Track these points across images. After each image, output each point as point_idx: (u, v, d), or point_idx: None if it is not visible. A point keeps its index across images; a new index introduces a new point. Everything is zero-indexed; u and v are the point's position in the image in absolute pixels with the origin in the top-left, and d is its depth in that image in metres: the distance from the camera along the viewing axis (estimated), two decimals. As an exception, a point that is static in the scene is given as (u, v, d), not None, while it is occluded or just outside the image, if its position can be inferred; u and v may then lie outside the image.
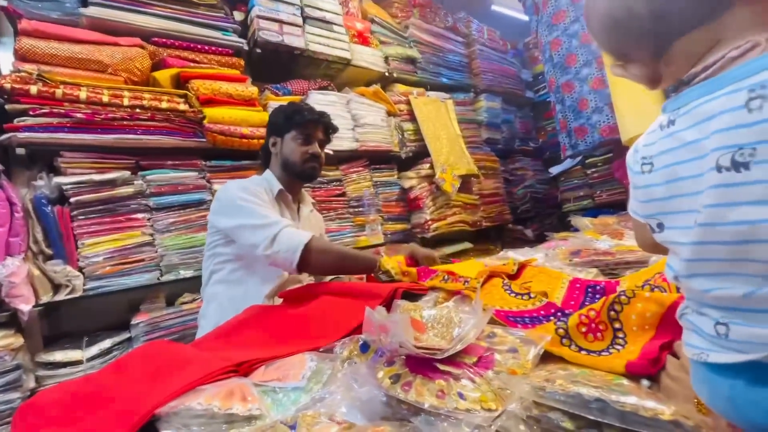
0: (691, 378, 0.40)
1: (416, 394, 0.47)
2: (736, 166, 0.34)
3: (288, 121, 1.34)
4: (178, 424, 0.45)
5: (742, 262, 0.34)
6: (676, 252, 0.42)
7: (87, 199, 1.49)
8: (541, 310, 0.76)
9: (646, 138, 0.48)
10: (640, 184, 0.47)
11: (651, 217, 0.46)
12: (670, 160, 0.42)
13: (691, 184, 0.39)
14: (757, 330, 0.33)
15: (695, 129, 0.39)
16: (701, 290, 0.38)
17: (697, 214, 0.37)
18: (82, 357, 1.38)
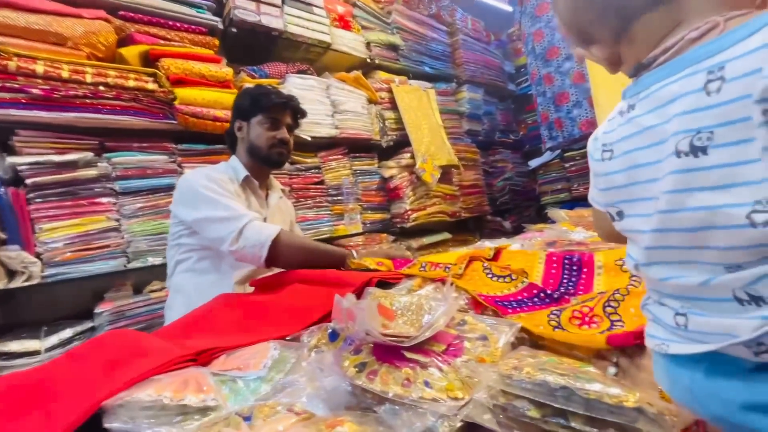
0: (653, 369, 0.40)
1: (381, 382, 0.45)
2: (695, 150, 0.33)
3: (254, 104, 1.28)
4: (124, 417, 0.42)
5: (699, 249, 0.34)
6: (636, 240, 0.41)
7: (45, 181, 1.40)
8: (523, 292, 0.76)
9: (606, 125, 0.47)
10: (600, 171, 0.46)
11: (611, 206, 0.45)
12: (630, 146, 0.41)
13: (650, 170, 0.38)
14: (714, 320, 0.33)
15: (655, 113, 0.38)
16: (660, 279, 0.37)
17: (656, 201, 0.36)
18: (41, 347, 1.31)
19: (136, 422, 0.41)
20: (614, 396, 0.35)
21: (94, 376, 0.60)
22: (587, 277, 0.82)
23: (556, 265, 0.87)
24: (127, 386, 0.48)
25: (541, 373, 0.41)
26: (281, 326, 0.69)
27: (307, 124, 2.11)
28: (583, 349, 0.55)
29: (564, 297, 0.74)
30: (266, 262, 1.09)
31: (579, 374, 0.41)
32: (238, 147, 1.35)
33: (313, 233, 2.13)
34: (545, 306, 0.72)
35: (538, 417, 0.37)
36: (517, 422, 0.39)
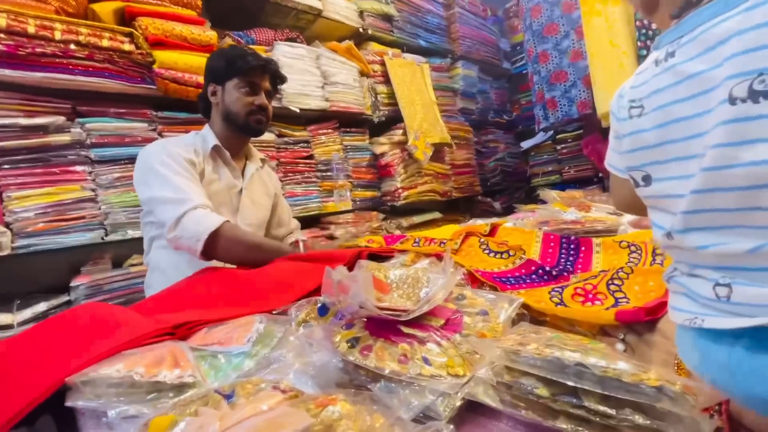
0: (678, 345, 0.37)
1: (376, 359, 0.41)
2: (754, 95, 0.29)
3: (230, 66, 1.17)
4: (90, 395, 0.38)
5: (751, 211, 0.30)
6: (668, 206, 0.38)
7: (12, 145, 1.31)
8: (521, 268, 0.74)
9: (635, 79, 0.42)
10: (625, 131, 0.42)
11: (636, 169, 0.41)
12: (666, 99, 0.36)
13: (691, 125, 0.34)
14: (764, 291, 0.30)
15: (701, 59, 0.33)
16: (698, 247, 0.34)
17: (700, 159, 0.33)
18: (13, 321, 1.25)
19: (102, 400, 0.37)
20: (633, 374, 0.32)
21: (61, 351, 0.55)
22: (585, 256, 0.80)
23: (553, 244, 0.85)
24: (94, 361, 0.44)
25: (550, 349, 0.38)
26: (268, 300, 0.64)
27: (295, 95, 2.02)
28: (585, 326, 0.53)
29: (563, 275, 0.72)
30: (202, 255, 1.01)
31: (590, 351, 0.38)
32: (213, 113, 1.25)
33: (301, 209, 2.07)
34: (545, 283, 0.69)
35: (547, 396, 0.34)
36: (524, 401, 0.36)
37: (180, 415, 0.32)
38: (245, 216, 1.25)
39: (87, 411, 0.39)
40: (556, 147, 3.34)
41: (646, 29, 2.07)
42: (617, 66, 2.19)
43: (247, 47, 1.68)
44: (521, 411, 0.36)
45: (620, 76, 2.18)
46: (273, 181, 1.43)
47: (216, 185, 1.19)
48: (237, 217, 1.23)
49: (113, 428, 0.35)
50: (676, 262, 0.38)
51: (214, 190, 1.17)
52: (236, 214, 1.23)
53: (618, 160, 0.44)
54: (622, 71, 2.17)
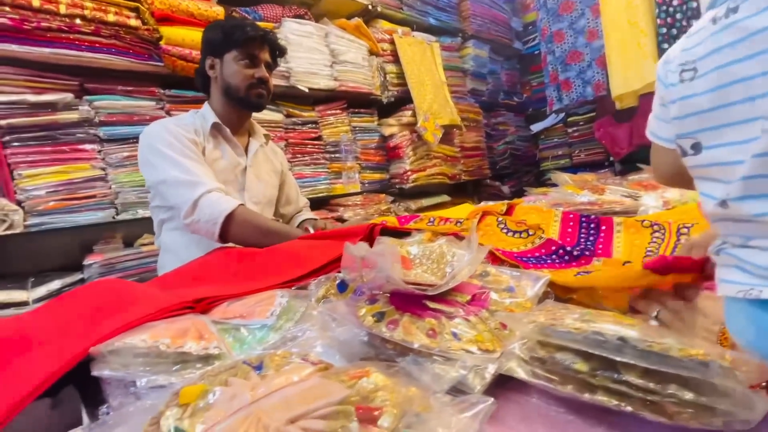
0: (729, 320, 0.36)
1: (404, 332, 0.40)
2: None
3: (227, 38, 1.13)
4: (116, 364, 0.38)
5: None
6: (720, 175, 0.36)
7: (21, 122, 1.29)
8: (541, 248, 0.72)
9: (686, 41, 0.40)
10: (673, 97, 0.40)
11: (684, 137, 0.39)
12: (725, 59, 0.34)
13: (754, 85, 0.31)
14: None
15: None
16: (756, 214, 0.32)
17: (765, 121, 0.30)
18: (28, 298, 1.26)
19: (129, 369, 0.37)
20: (681, 348, 0.30)
21: (81, 323, 0.55)
22: (606, 235, 0.77)
23: (572, 223, 0.83)
24: (118, 332, 0.43)
25: (586, 323, 0.36)
26: (284, 273, 0.64)
27: (304, 74, 1.98)
28: (613, 303, 0.51)
29: (584, 255, 0.70)
30: (219, 238, 1.01)
31: (629, 326, 0.37)
32: (212, 89, 1.22)
33: (310, 191, 2.06)
34: (566, 265, 0.67)
35: (585, 371, 0.33)
36: (559, 375, 0.35)
37: (210, 385, 0.31)
38: (252, 194, 1.23)
39: (113, 381, 0.39)
40: (567, 130, 3.28)
41: (667, 5, 1.99)
42: (635, 46, 2.12)
43: (247, 17, 1.63)
44: (556, 385, 0.35)
45: (639, 57, 2.11)
46: (279, 157, 1.40)
47: (220, 163, 1.17)
48: (244, 195, 1.21)
49: (141, 398, 0.35)
50: (726, 235, 0.36)
51: (218, 169, 1.15)
52: (243, 192, 1.21)
53: (664, 129, 0.41)
54: (641, 51, 2.11)
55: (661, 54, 2.06)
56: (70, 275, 1.42)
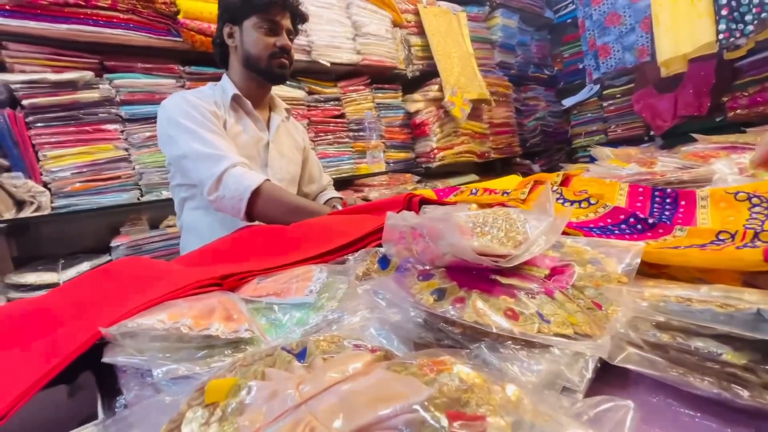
0: None
1: (476, 313, 0.32)
2: None
3: (247, 3, 1.05)
4: (130, 350, 0.31)
5: None
6: None
7: (43, 102, 1.27)
8: (607, 217, 0.61)
9: None
10: None
11: None
12: None
13: None
14: None
15: None
16: None
17: None
18: (59, 279, 1.26)
19: (145, 356, 0.30)
20: None
21: (101, 302, 0.50)
22: (687, 210, 0.65)
23: (642, 197, 0.71)
24: (136, 311, 0.37)
25: (708, 298, 0.28)
26: (318, 247, 0.56)
27: (325, 47, 1.89)
28: (717, 278, 0.41)
29: (662, 223, 0.59)
30: (246, 215, 0.95)
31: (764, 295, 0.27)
32: (231, 59, 1.14)
33: (335, 171, 1.99)
34: (639, 235, 0.57)
35: (740, 364, 0.24)
36: (693, 368, 0.27)
37: (243, 378, 0.24)
38: (275, 170, 1.17)
39: (129, 369, 0.33)
40: (602, 104, 3.07)
41: (726, -45, 1.77)
42: (688, 3, 1.91)
43: None
44: (695, 381, 0.26)
45: (691, 15, 1.91)
46: (301, 133, 1.33)
47: (241, 138, 1.10)
48: (267, 171, 1.15)
49: (160, 390, 0.29)
50: None
51: (240, 144, 1.09)
52: (265, 168, 1.15)
53: None
54: (694, 9, 1.90)
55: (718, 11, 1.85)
56: (98, 257, 1.41)
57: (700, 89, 2.38)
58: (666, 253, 0.42)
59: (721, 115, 2.40)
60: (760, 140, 0.69)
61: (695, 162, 1.27)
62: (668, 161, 1.45)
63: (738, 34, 1.80)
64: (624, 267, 0.40)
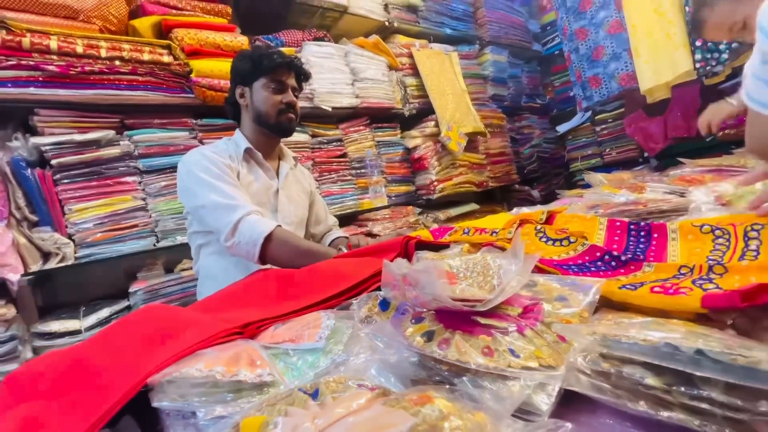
0: None
1: (458, 352, 0.39)
2: None
3: (256, 66, 1.19)
4: (174, 395, 0.38)
5: None
6: None
7: (70, 161, 1.38)
8: (584, 255, 0.68)
9: None
10: None
11: None
12: None
13: None
14: None
15: None
16: None
17: None
18: (81, 326, 1.33)
19: (186, 400, 0.37)
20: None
21: (136, 352, 0.56)
22: (659, 243, 0.71)
23: (620, 231, 0.78)
24: (172, 361, 0.44)
25: (656, 332, 0.34)
26: (325, 291, 0.63)
27: (327, 94, 2.03)
28: (677, 312, 0.47)
29: (633, 261, 0.65)
30: (259, 259, 1.04)
31: (705, 336, 0.34)
32: (243, 116, 1.27)
33: (338, 208, 2.08)
34: (612, 272, 0.63)
35: (659, 386, 0.30)
36: (628, 391, 0.32)
37: (269, 415, 0.30)
38: (285, 215, 1.26)
39: (172, 412, 0.39)
40: (595, 129, 3.18)
41: (695, -7, 1.91)
42: (664, 36, 2.04)
43: (272, 46, 1.69)
44: (626, 402, 0.32)
45: (669, 47, 2.03)
46: (307, 179, 1.44)
47: (253, 186, 1.21)
48: (277, 216, 1.24)
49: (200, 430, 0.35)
50: None
51: (252, 192, 1.19)
52: (276, 213, 1.24)
53: (765, 92, 0.37)
54: (671, 41, 2.02)
55: (693, 42, 1.97)
56: (117, 303, 1.48)
57: (687, 112, 2.48)
58: (627, 294, 0.48)
59: (711, 136, 2.47)
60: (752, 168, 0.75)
61: (682, 186, 1.34)
62: (657, 186, 1.52)
63: (714, 63, 1.91)
64: (586, 302, 0.46)
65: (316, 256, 0.98)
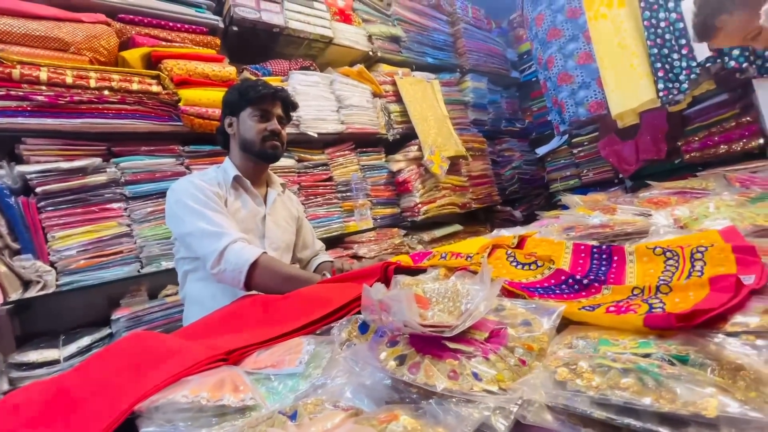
0: None
1: (426, 375, 0.42)
2: None
3: (242, 97, 1.25)
4: (161, 420, 0.40)
5: None
6: None
7: (55, 188, 1.39)
8: (550, 279, 0.73)
9: None
10: None
11: None
12: None
13: None
14: None
15: None
16: None
17: None
18: (59, 356, 1.30)
19: (173, 425, 0.39)
20: (690, 404, 0.32)
21: (121, 380, 0.58)
22: (618, 266, 0.77)
23: (584, 255, 0.84)
24: (159, 388, 0.46)
25: (600, 376, 0.37)
26: (307, 316, 0.66)
27: (312, 120, 2.09)
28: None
29: (594, 284, 0.70)
30: (245, 286, 1.06)
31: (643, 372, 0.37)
32: (231, 145, 1.32)
33: (324, 231, 2.11)
34: (574, 295, 0.68)
35: (604, 417, 0.34)
36: (581, 419, 0.36)
37: (251, 437, 0.33)
38: (272, 240, 1.29)
39: (158, 437, 0.41)
40: (572, 151, 3.32)
41: (655, 27, 2.07)
42: (628, 67, 2.18)
43: (260, 78, 1.75)
44: (582, 429, 0.36)
45: (633, 77, 2.17)
46: (295, 204, 1.48)
47: (241, 213, 1.24)
48: (264, 241, 1.27)
49: (186, 452, 0.37)
50: None
51: (240, 218, 1.22)
52: (263, 239, 1.27)
53: None
54: (634, 72, 2.17)
55: (655, 73, 2.11)
56: (98, 331, 1.47)
57: (656, 136, 2.62)
58: (585, 315, 0.53)
59: (679, 158, 2.61)
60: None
61: (649, 208, 1.43)
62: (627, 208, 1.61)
63: (675, 92, 2.05)
64: (548, 326, 0.50)
65: (301, 282, 1.01)
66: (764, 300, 0.48)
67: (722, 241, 0.70)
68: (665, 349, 0.40)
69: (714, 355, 0.39)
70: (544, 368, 0.41)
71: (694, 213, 1.06)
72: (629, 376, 0.35)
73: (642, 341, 0.43)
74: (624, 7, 2.15)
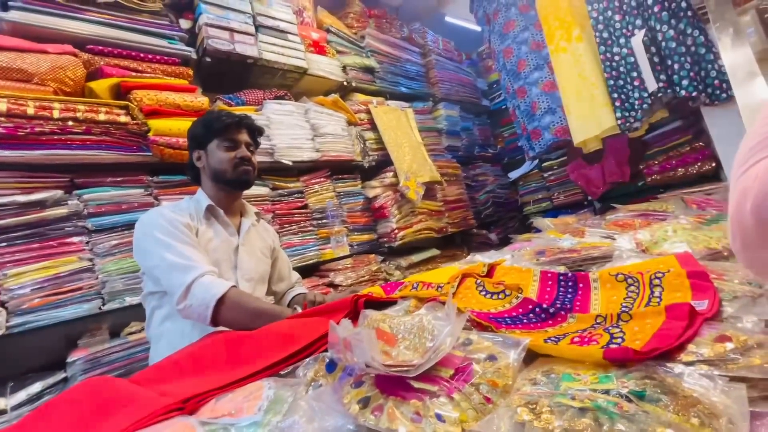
0: None
1: (388, 419, 0.41)
2: None
3: (207, 130, 1.25)
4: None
5: None
6: None
7: (9, 223, 1.32)
8: (518, 308, 0.73)
9: None
10: None
11: None
12: None
13: None
14: None
15: None
16: None
17: None
18: (6, 406, 1.20)
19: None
20: None
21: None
22: (583, 293, 0.79)
23: (551, 282, 0.85)
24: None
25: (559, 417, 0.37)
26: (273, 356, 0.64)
27: (287, 149, 2.09)
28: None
29: (560, 313, 0.71)
30: (212, 321, 1.02)
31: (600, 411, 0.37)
32: (202, 178, 1.30)
33: (300, 259, 2.08)
34: (541, 324, 0.69)
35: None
36: None
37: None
38: (244, 271, 1.25)
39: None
40: (543, 175, 3.43)
41: (610, 61, 2.21)
42: (589, 96, 2.31)
43: (223, 109, 1.75)
44: None
45: (594, 106, 2.29)
46: (270, 235, 1.45)
47: (213, 243, 1.21)
48: (237, 272, 1.23)
49: None
50: None
51: (211, 248, 1.19)
52: (235, 270, 1.23)
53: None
54: (595, 101, 2.29)
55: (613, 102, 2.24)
56: (52, 375, 1.36)
57: (620, 160, 2.76)
58: (550, 348, 0.53)
59: (642, 180, 2.74)
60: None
61: (614, 231, 1.48)
62: (594, 231, 1.66)
63: (632, 120, 2.17)
64: (513, 359, 0.50)
65: (269, 316, 0.98)
66: (715, 327, 0.49)
67: (679, 266, 0.73)
68: (623, 384, 0.41)
69: (671, 387, 0.39)
70: (507, 407, 0.40)
71: (654, 237, 1.11)
72: (586, 416, 0.35)
73: (602, 376, 0.43)
74: (582, 42, 2.29)
